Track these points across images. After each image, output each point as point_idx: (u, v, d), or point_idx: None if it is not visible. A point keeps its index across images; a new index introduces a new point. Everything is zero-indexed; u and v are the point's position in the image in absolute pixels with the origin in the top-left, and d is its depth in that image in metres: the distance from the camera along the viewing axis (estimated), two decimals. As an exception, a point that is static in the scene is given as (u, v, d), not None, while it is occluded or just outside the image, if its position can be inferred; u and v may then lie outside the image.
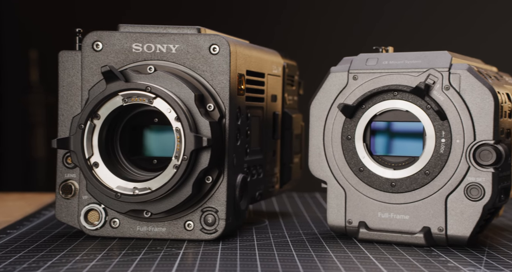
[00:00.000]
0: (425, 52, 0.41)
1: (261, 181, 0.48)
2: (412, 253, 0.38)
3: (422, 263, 0.35)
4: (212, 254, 0.37)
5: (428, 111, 0.40)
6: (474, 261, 0.36)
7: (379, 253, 0.38)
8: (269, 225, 0.48)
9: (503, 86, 0.43)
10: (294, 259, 0.36)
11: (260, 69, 0.48)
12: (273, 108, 0.51)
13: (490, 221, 0.43)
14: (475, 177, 0.39)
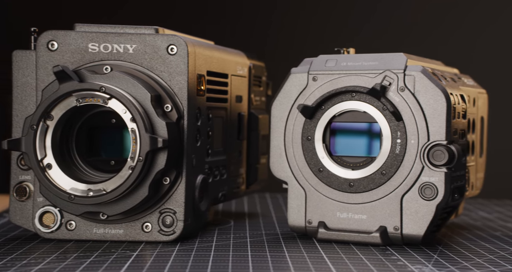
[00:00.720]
0: (382, 54, 0.42)
1: (225, 182, 0.48)
2: (367, 253, 0.39)
3: (373, 262, 0.36)
4: (166, 255, 0.37)
5: (384, 112, 0.41)
6: (424, 259, 0.37)
7: (334, 253, 0.38)
8: (234, 225, 0.49)
9: (458, 87, 0.44)
10: (248, 260, 0.36)
11: (222, 69, 0.48)
12: (238, 109, 0.51)
13: (447, 220, 0.44)
14: (429, 177, 0.39)
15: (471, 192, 0.48)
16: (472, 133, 0.48)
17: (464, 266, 0.35)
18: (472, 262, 0.36)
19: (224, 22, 0.97)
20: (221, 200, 0.48)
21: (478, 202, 0.65)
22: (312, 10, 0.95)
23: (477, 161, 0.49)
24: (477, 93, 0.49)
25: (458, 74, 0.49)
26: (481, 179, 0.51)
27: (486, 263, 0.36)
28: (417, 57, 0.44)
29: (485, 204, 0.64)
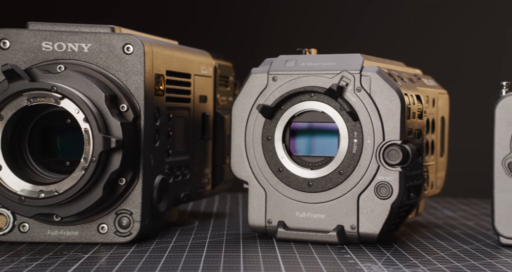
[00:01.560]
0: (340, 55, 0.42)
1: (187, 182, 0.48)
2: (322, 251, 0.39)
3: (324, 260, 0.36)
4: (117, 257, 0.36)
5: (342, 112, 0.41)
6: (376, 257, 0.37)
7: (288, 252, 0.39)
8: (197, 226, 0.48)
9: (415, 88, 0.44)
10: (200, 260, 0.36)
11: (184, 69, 0.48)
12: (202, 109, 0.51)
13: (405, 218, 0.45)
14: (384, 176, 0.40)
15: (431, 191, 0.49)
16: (432, 133, 0.49)
17: (413, 263, 0.36)
18: (421, 260, 0.37)
19: (200, 22, 0.97)
20: (184, 201, 0.48)
21: (446, 201, 0.67)
22: (288, 11, 0.95)
23: (437, 160, 0.50)
24: (437, 93, 0.50)
25: (419, 75, 0.50)
26: (442, 178, 0.52)
27: (435, 260, 0.36)
28: (376, 58, 0.45)
29: (452, 203, 0.65)
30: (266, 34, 0.95)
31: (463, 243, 0.42)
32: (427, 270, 0.34)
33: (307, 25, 0.94)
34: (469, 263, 0.36)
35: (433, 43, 0.90)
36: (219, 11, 0.97)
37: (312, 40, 0.94)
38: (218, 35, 0.97)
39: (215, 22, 0.97)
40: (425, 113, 0.46)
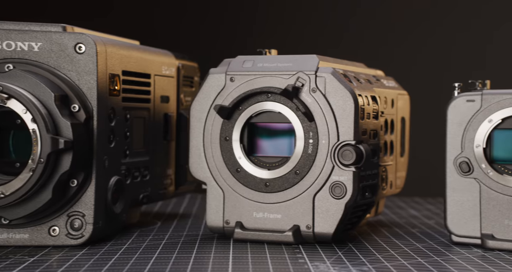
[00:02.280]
0: (296, 56, 0.42)
1: (148, 183, 0.48)
2: (275, 252, 0.39)
3: (274, 260, 0.36)
4: (64, 260, 0.36)
5: (298, 113, 0.41)
6: (327, 256, 0.37)
7: (241, 253, 0.39)
8: (159, 227, 0.48)
9: (372, 89, 0.45)
10: (148, 262, 0.35)
11: (143, 69, 0.47)
12: (164, 109, 0.51)
13: (362, 218, 0.46)
14: (339, 176, 0.40)
15: (390, 191, 0.50)
16: (391, 134, 0.50)
17: (361, 262, 0.36)
18: (370, 258, 0.37)
19: (171, 22, 0.96)
20: (144, 202, 0.48)
21: (414, 200, 0.67)
22: (264, 13, 0.95)
23: (397, 160, 0.51)
24: (397, 94, 0.51)
25: (379, 76, 0.51)
26: (403, 178, 0.52)
27: (384, 259, 0.37)
28: (333, 59, 0.45)
29: (419, 202, 0.66)
30: (238, 34, 0.95)
31: (417, 242, 0.43)
32: (372, 268, 0.34)
33: (284, 26, 0.95)
34: (416, 261, 0.36)
35: (396, 44, 0.91)
36: (191, 11, 0.97)
37: (286, 41, 0.94)
38: (189, 35, 0.96)
39: (187, 21, 0.97)
40: (383, 113, 0.47)
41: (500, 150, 0.41)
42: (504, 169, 0.40)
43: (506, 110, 0.40)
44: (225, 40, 0.95)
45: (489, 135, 0.41)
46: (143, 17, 0.96)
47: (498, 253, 0.39)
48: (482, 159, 0.41)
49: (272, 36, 0.94)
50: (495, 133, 0.41)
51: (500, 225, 0.40)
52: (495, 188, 0.40)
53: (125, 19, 0.95)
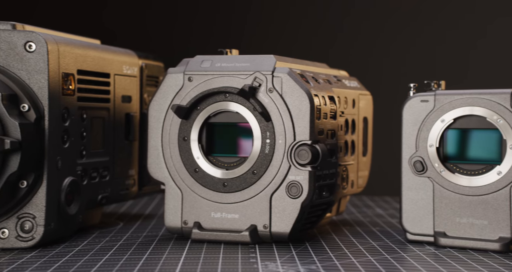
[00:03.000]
0: (254, 56, 0.43)
1: (107, 183, 0.47)
2: (229, 252, 0.39)
3: (226, 260, 0.36)
4: (8, 264, 0.35)
5: (255, 113, 0.41)
6: (280, 255, 0.38)
7: (195, 254, 0.38)
8: (120, 228, 0.47)
9: (330, 89, 0.45)
10: (95, 264, 0.35)
11: (101, 69, 0.47)
12: (125, 109, 0.50)
13: (322, 217, 0.46)
14: (295, 176, 0.41)
15: (351, 190, 0.50)
16: (353, 133, 0.50)
17: (312, 260, 0.36)
18: (322, 257, 0.37)
19: (141, 21, 0.95)
20: (103, 203, 0.47)
21: (384, 200, 0.68)
22: (226, 16, 0.95)
23: (358, 160, 0.51)
24: (358, 94, 0.51)
25: (340, 76, 0.51)
26: (365, 177, 0.53)
27: (335, 257, 0.37)
28: (292, 59, 0.45)
29: (388, 201, 0.67)
30: (209, 35, 0.95)
31: (374, 240, 0.44)
32: (320, 267, 0.34)
33: (261, 26, 0.95)
34: (366, 259, 0.37)
35: (364, 46, 0.92)
36: (163, 11, 0.96)
37: (255, 41, 0.95)
38: (158, 35, 0.96)
39: (153, 20, 0.96)
40: (343, 113, 0.48)
41: (452, 149, 0.42)
42: (456, 168, 0.41)
43: (457, 110, 0.41)
44: (199, 39, 0.94)
45: (442, 134, 0.42)
46: (111, 17, 0.95)
47: (449, 250, 0.40)
48: (435, 158, 0.42)
49: (242, 36, 0.94)
50: (448, 132, 0.42)
51: (452, 223, 0.41)
52: (447, 187, 0.41)
53: (89, 20, 0.94)
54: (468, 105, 0.41)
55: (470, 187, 0.40)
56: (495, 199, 0.40)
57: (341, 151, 0.47)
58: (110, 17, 0.95)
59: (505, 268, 0.35)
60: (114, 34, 0.91)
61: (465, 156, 0.41)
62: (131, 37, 0.92)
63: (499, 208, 0.40)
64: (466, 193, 0.41)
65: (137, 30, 0.95)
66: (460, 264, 0.36)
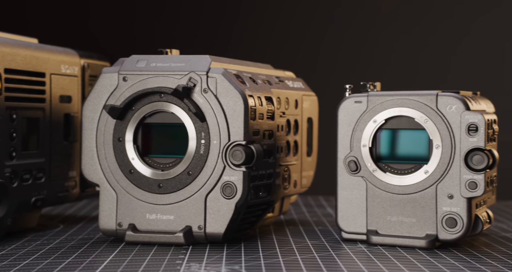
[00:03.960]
0: (189, 56, 0.42)
1: (42, 186, 0.46)
2: (160, 253, 0.39)
3: (151, 262, 0.36)
4: None
5: (190, 113, 0.41)
6: (209, 256, 0.38)
7: (123, 256, 0.38)
8: (58, 231, 0.46)
9: (268, 90, 0.46)
10: (10, 270, 0.34)
11: (34, 68, 0.45)
12: (64, 109, 0.49)
13: (262, 217, 0.46)
14: (230, 176, 0.41)
15: (294, 190, 0.51)
16: (295, 134, 0.51)
17: (239, 261, 0.36)
18: (251, 257, 0.38)
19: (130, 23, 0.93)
20: (39, 206, 0.46)
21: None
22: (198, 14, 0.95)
23: (302, 160, 0.52)
24: (301, 95, 0.52)
25: (282, 77, 0.52)
26: (310, 177, 0.54)
27: (264, 257, 0.38)
28: (230, 59, 0.45)
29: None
30: (173, 36, 0.94)
31: (310, 239, 0.44)
32: (244, 267, 0.35)
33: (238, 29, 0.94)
34: (293, 258, 0.37)
35: (311, 47, 0.93)
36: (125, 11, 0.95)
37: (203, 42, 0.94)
38: (116, 33, 0.94)
39: (138, 24, 0.95)
40: (284, 114, 0.48)
41: (384, 149, 0.43)
42: (388, 168, 0.43)
43: (389, 111, 0.42)
44: (183, 44, 0.94)
45: (374, 135, 0.43)
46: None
47: (379, 248, 0.41)
48: (368, 158, 0.43)
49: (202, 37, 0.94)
50: (380, 133, 0.43)
51: (383, 221, 0.42)
52: (379, 186, 0.42)
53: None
54: (398, 106, 0.42)
55: (400, 186, 0.42)
56: (423, 198, 0.41)
57: (282, 152, 0.47)
58: (95, 24, 0.93)
59: (423, 264, 0.36)
60: (97, 40, 0.90)
61: (396, 156, 0.42)
62: (116, 43, 0.91)
63: (426, 206, 0.41)
64: (396, 192, 0.42)
65: (122, 35, 0.94)
66: (382, 261, 0.37)
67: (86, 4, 0.94)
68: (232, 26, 0.94)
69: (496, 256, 0.38)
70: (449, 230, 0.40)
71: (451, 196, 0.40)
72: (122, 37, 0.95)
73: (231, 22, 0.95)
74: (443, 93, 0.41)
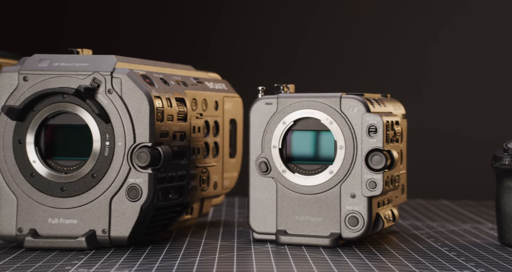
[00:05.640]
0: (95, 56, 0.42)
1: None
2: (55, 259, 0.37)
3: (41, 269, 0.35)
4: None
5: (94, 114, 0.40)
6: (105, 260, 0.37)
7: (12, 263, 0.36)
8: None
9: (181, 91, 0.45)
10: None
11: None
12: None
13: (175, 219, 0.46)
14: (135, 179, 0.40)
15: (214, 191, 0.51)
16: (215, 135, 0.51)
17: (132, 264, 0.36)
18: (151, 260, 0.37)
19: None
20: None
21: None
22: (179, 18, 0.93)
23: (224, 161, 0.52)
24: (223, 97, 0.52)
25: (203, 79, 0.52)
26: (233, 178, 0.54)
27: (164, 259, 0.37)
28: (141, 60, 0.44)
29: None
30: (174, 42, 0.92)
31: (224, 240, 0.44)
32: (134, 270, 0.34)
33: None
34: (191, 260, 0.37)
35: (240, 48, 0.94)
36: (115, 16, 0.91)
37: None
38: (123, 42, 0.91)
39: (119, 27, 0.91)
40: (201, 115, 0.48)
41: (293, 150, 0.44)
42: (297, 168, 0.43)
43: (297, 112, 0.43)
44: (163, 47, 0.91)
45: (284, 136, 0.43)
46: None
47: (285, 248, 0.42)
48: (278, 159, 0.43)
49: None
50: (289, 134, 0.43)
51: (292, 221, 0.43)
52: (288, 186, 0.43)
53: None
54: (305, 108, 0.43)
55: (308, 186, 0.43)
56: (328, 197, 0.42)
57: (199, 153, 0.47)
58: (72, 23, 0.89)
59: (316, 262, 0.37)
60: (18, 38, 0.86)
61: (304, 157, 0.43)
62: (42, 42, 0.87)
63: (331, 205, 0.42)
64: (304, 192, 0.43)
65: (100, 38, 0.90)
66: (278, 261, 0.37)
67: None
68: (173, 28, 0.93)
69: (392, 253, 0.40)
70: (351, 228, 0.41)
71: (353, 195, 0.41)
72: (47, 36, 0.92)
73: (172, 25, 0.94)
74: (346, 95, 0.42)
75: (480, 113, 0.89)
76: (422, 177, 0.91)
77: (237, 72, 0.86)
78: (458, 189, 0.84)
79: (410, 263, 0.37)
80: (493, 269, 0.35)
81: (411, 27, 0.91)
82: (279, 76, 0.89)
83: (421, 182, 0.90)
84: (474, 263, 0.37)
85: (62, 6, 0.94)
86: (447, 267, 0.36)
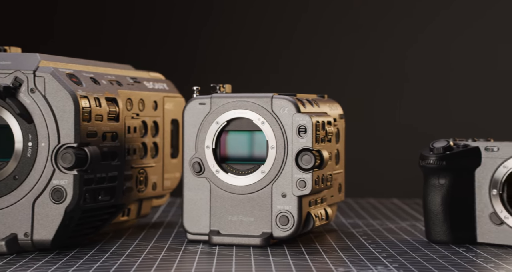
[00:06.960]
0: (18, 54, 0.40)
1: None
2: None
3: None
4: None
5: (15, 114, 0.39)
6: (24, 264, 0.36)
7: None
8: None
9: (113, 91, 0.44)
10: None
11: None
12: None
13: (109, 221, 0.45)
14: (59, 180, 0.39)
15: (153, 192, 0.50)
16: (154, 136, 0.50)
17: (47, 268, 0.35)
18: (67, 264, 0.36)
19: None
20: None
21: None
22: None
23: (164, 162, 0.51)
24: (163, 97, 0.52)
25: (142, 78, 0.51)
26: (175, 179, 0.53)
27: (86, 262, 0.37)
28: (70, 58, 0.43)
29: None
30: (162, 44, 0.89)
31: (157, 241, 0.43)
32: (77, 268, 0.34)
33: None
34: (112, 262, 0.36)
35: (187, 48, 0.93)
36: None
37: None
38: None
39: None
40: (137, 115, 0.47)
41: (227, 151, 0.43)
42: (230, 168, 0.43)
43: (230, 112, 0.43)
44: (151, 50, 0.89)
45: (217, 136, 0.43)
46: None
47: (215, 248, 0.41)
48: (212, 159, 0.43)
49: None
50: (222, 134, 0.43)
51: (225, 221, 0.43)
52: (222, 187, 0.43)
53: None
54: (238, 108, 0.43)
55: (240, 186, 0.43)
56: (260, 197, 0.42)
57: (135, 154, 0.47)
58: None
59: (238, 262, 0.37)
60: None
61: (238, 157, 0.43)
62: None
63: (263, 205, 0.42)
64: (237, 192, 0.43)
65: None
66: (201, 262, 0.37)
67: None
68: (137, 30, 0.92)
69: (318, 252, 0.40)
70: (282, 227, 0.41)
71: (284, 194, 0.42)
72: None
73: (130, 26, 0.93)
74: (278, 95, 0.42)
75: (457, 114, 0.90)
76: (374, 176, 0.92)
77: (184, 72, 0.85)
78: (407, 187, 0.86)
79: (330, 260, 0.37)
80: (406, 264, 0.36)
81: (394, 28, 0.90)
82: (235, 77, 0.89)
83: (373, 181, 0.91)
84: (392, 259, 0.38)
85: (51, 5, 0.90)
86: (364, 263, 0.36)
